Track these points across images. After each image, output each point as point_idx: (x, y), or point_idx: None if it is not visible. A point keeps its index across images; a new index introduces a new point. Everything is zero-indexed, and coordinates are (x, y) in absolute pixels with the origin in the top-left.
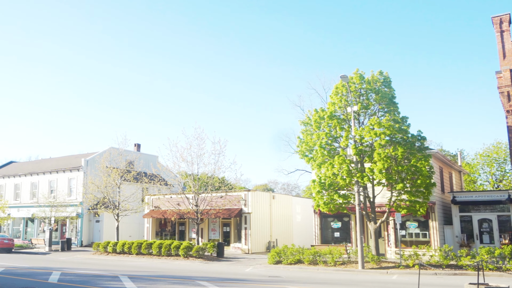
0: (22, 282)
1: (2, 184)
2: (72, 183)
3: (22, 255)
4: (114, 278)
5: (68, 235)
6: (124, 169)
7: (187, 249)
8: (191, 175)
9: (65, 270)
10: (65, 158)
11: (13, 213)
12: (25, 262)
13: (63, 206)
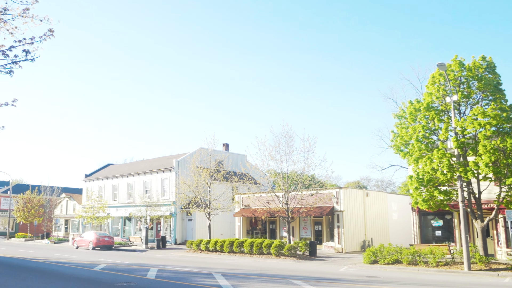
0: (123, 278)
1: (102, 185)
2: (165, 183)
3: (121, 252)
4: (208, 276)
5: (162, 233)
6: (214, 169)
7: (279, 247)
8: (280, 173)
9: (162, 267)
10: (157, 160)
11: (112, 213)
12: (124, 259)
13: (157, 206)
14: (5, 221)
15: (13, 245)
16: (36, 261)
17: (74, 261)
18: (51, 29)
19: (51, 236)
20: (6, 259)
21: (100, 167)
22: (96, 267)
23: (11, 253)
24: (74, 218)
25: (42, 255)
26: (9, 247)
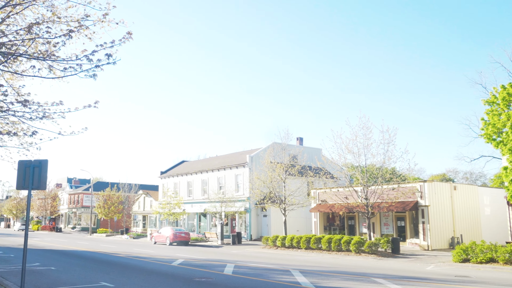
0: (200, 273)
1: (177, 182)
2: (239, 179)
3: (197, 247)
4: (286, 272)
5: (237, 229)
6: (288, 164)
7: (359, 244)
8: (358, 167)
9: (238, 262)
10: (231, 156)
11: (187, 209)
12: (201, 254)
13: (231, 202)
14: (87, 217)
15: (95, 240)
16: (117, 256)
17: (152, 256)
18: (129, 32)
19: (130, 231)
20: (90, 254)
21: (175, 164)
22: (174, 262)
23: (94, 247)
24: (151, 214)
25: (122, 249)
26: (92, 242)
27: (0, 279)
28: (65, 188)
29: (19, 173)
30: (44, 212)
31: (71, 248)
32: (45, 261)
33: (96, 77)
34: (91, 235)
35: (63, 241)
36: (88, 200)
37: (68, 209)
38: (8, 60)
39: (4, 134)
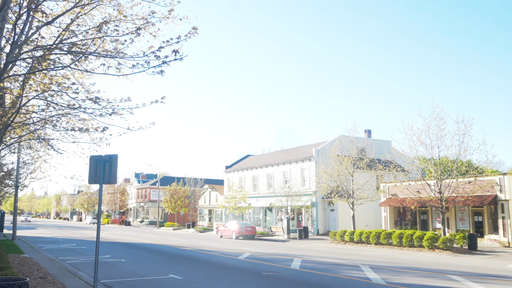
0: (267, 267)
1: (242, 176)
2: (305, 173)
3: (263, 241)
4: (355, 267)
5: (304, 223)
6: (356, 157)
7: (432, 240)
8: (431, 160)
9: (305, 257)
10: (296, 149)
11: (252, 203)
12: (267, 248)
13: (297, 196)
14: (154, 211)
15: (163, 233)
16: (185, 249)
17: (219, 250)
18: (194, 27)
19: (196, 225)
20: (158, 247)
21: (240, 159)
22: (240, 256)
23: (162, 241)
24: (217, 208)
25: (189, 243)
26: (159, 236)
27: (74, 270)
28: (133, 183)
29: (91, 168)
30: (114, 206)
31: (140, 241)
32: (115, 253)
33: (164, 73)
34: (159, 228)
35: (132, 234)
36: (155, 195)
37: (136, 203)
38: (79, 59)
39: (77, 130)
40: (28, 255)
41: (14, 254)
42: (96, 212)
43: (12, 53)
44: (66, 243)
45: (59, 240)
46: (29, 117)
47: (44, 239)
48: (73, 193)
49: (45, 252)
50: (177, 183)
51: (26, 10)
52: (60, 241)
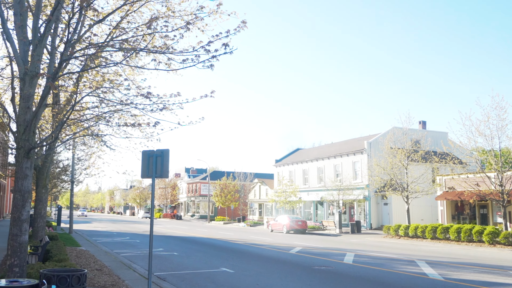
0: (319, 261)
1: (292, 170)
2: (357, 166)
3: (314, 236)
4: (411, 263)
5: (356, 217)
6: (410, 149)
7: (493, 234)
8: (491, 151)
9: (358, 252)
10: (347, 142)
11: (303, 197)
12: (318, 243)
13: (349, 189)
14: (205, 206)
15: (214, 227)
16: (235, 243)
17: (270, 244)
18: (244, 21)
19: (246, 219)
20: (209, 240)
21: (289, 152)
22: (292, 250)
23: (213, 235)
24: (267, 203)
25: (240, 237)
26: (210, 229)
27: (128, 263)
28: (184, 178)
29: (143, 163)
30: (165, 200)
31: (191, 234)
32: (168, 246)
33: (213, 67)
34: (209, 222)
35: (183, 228)
36: (206, 189)
37: (187, 198)
38: (130, 55)
39: (130, 126)
40: (84, 248)
41: (71, 247)
42: (148, 207)
43: (66, 52)
44: (120, 237)
45: (113, 233)
46: (82, 114)
47: (99, 232)
48: (125, 188)
49: (100, 245)
50: (227, 178)
51: (79, 9)
52: (114, 234)
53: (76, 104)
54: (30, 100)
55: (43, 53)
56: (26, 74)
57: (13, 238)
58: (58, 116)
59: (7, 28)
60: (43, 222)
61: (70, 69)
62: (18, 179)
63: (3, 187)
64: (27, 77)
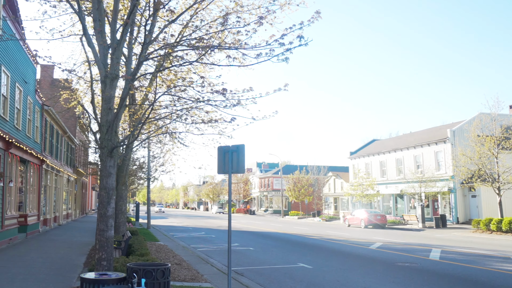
0: (402, 257)
1: (368, 162)
2: (439, 156)
3: (395, 231)
4: (506, 260)
5: (441, 211)
6: (501, 136)
7: None
8: None
9: (444, 247)
10: (427, 131)
11: (381, 190)
12: (400, 238)
13: (431, 181)
14: (278, 200)
15: (287, 222)
16: (311, 238)
17: (347, 239)
18: (317, 11)
19: (321, 214)
20: (284, 235)
21: (365, 144)
22: (372, 245)
23: (287, 229)
24: (343, 196)
25: (315, 232)
26: (284, 224)
27: (205, 257)
28: (255, 173)
29: (219, 158)
30: (238, 195)
31: (266, 230)
32: (243, 241)
33: (288, 60)
34: (283, 217)
35: (257, 223)
36: (278, 184)
37: (260, 193)
38: (205, 53)
39: (207, 122)
40: (162, 242)
41: (150, 242)
42: (221, 202)
43: (144, 53)
44: (195, 232)
45: (189, 228)
46: (157, 113)
47: (175, 228)
48: (198, 184)
49: (177, 240)
50: (300, 172)
51: (153, 11)
52: (190, 229)
53: (154, 103)
54: (111, 102)
55: (121, 55)
56: (107, 77)
57: (100, 233)
58: (135, 116)
59: (88, 34)
60: (124, 218)
61: (145, 69)
62: (103, 177)
63: (85, 185)
64: (108, 80)
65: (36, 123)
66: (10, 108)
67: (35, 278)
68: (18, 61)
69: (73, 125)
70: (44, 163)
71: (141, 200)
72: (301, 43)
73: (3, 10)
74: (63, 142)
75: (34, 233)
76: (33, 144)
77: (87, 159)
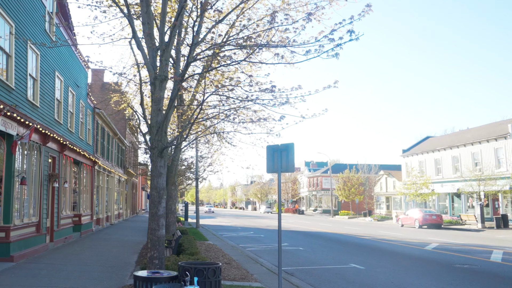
0: (460, 259)
1: (422, 160)
2: (499, 153)
3: (452, 231)
4: None
5: (502, 211)
6: None
7: None
8: None
9: (507, 249)
10: (486, 127)
11: (436, 189)
12: (457, 239)
13: (491, 179)
14: (327, 200)
15: (338, 222)
16: (362, 238)
17: (401, 239)
18: (368, 4)
19: (373, 213)
20: (334, 235)
21: (418, 141)
22: (427, 246)
23: (337, 229)
24: (395, 195)
25: (367, 232)
26: (334, 224)
27: (255, 257)
28: (304, 172)
29: (268, 158)
30: (286, 195)
31: (315, 229)
32: (292, 241)
33: (339, 55)
34: (333, 217)
35: (306, 223)
36: (327, 183)
37: (308, 192)
38: (253, 52)
39: (255, 121)
40: (211, 242)
41: (200, 241)
42: (269, 201)
43: (191, 54)
44: (244, 231)
45: (237, 228)
46: (205, 113)
47: (224, 227)
48: (246, 184)
49: (226, 239)
50: (350, 170)
51: (201, 12)
52: (239, 229)
53: (203, 103)
54: (161, 103)
55: (170, 57)
56: (156, 79)
57: (152, 232)
58: (183, 116)
59: (138, 37)
60: (174, 217)
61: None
62: (154, 177)
63: (135, 185)
64: (157, 81)
65: (88, 125)
66: (64, 112)
67: (89, 276)
68: (70, 66)
69: (123, 127)
70: (96, 164)
71: (189, 200)
72: (351, 38)
73: (56, 17)
74: (113, 143)
75: (88, 232)
76: (85, 146)
77: (136, 160)
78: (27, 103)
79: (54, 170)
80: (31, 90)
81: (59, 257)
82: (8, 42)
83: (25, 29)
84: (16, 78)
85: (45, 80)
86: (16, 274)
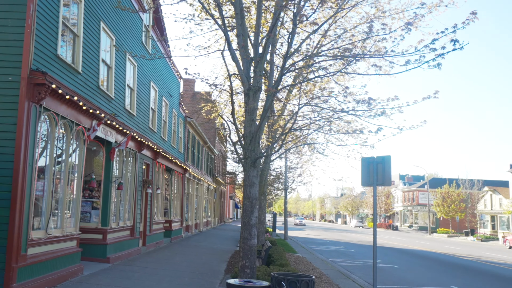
0: None
1: None
2: None
3: None
4: None
5: None
6: None
7: None
8: None
9: None
10: None
11: None
12: None
13: None
14: (424, 216)
15: (436, 240)
16: (464, 259)
17: (509, 263)
18: (473, 11)
19: (475, 233)
20: (432, 254)
21: None
22: None
23: (436, 248)
24: (502, 214)
25: (469, 252)
26: (432, 242)
27: (346, 272)
28: (398, 185)
29: (363, 170)
30: (379, 209)
31: (410, 247)
32: (386, 258)
33: (441, 66)
34: (430, 235)
35: (400, 240)
36: (424, 198)
37: (403, 207)
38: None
39: (350, 133)
40: (300, 254)
41: (288, 253)
42: (360, 215)
43: (285, 65)
44: (334, 245)
45: (327, 241)
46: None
47: (312, 240)
48: (336, 196)
49: (316, 252)
50: (449, 185)
51: (294, 24)
52: (328, 243)
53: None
54: (254, 113)
55: (263, 68)
56: (250, 89)
57: (244, 241)
58: (274, 127)
59: (232, 49)
60: (263, 227)
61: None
62: (246, 186)
63: (223, 193)
64: (251, 92)
65: (180, 134)
66: (157, 120)
67: (180, 281)
68: (164, 77)
69: (213, 136)
70: (186, 172)
71: (277, 211)
72: (455, 47)
73: (152, 30)
74: (203, 152)
75: (178, 238)
76: (177, 154)
77: (225, 169)
78: (125, 111)
79: (147, 176)
80: (128, 99)
81: (151, 261)
82: (109, 54)
83: (124, 42)
84: (115, 88)
85: (141, 90)
86: (112, 275)
